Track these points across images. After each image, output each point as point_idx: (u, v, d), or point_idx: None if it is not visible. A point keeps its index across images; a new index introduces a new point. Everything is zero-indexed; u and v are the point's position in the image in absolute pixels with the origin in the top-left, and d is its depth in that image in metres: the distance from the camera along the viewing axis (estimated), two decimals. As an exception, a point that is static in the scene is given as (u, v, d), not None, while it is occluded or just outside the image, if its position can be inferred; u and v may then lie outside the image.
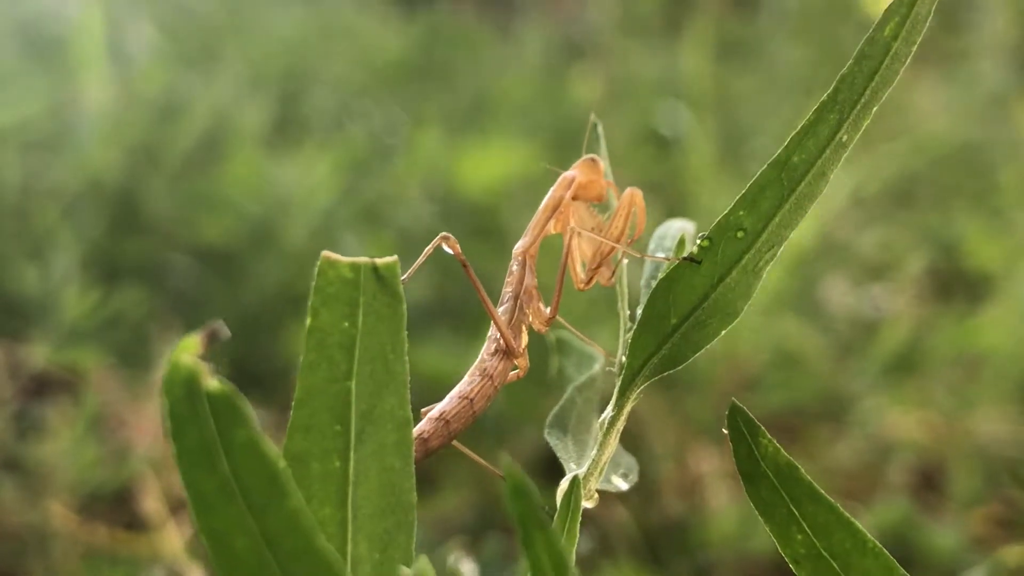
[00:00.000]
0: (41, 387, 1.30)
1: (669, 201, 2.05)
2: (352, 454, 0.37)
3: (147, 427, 1.32)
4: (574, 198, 0.53)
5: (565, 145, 2.27)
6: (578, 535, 0.42)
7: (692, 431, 1.43)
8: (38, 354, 1.31)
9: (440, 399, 0.51)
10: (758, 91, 2.81)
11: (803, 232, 1.61)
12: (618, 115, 2.48)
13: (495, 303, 0.52)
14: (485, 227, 1.86)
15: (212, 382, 0.30)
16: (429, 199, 1.86)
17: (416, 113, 2.35)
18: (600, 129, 0.53)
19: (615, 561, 1.19)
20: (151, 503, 1.18)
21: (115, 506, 1.22)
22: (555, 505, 0.44)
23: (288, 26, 2.94)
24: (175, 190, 1.74)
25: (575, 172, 0.53)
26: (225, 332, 0.31)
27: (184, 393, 0.30)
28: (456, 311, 1.59)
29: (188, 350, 0.30)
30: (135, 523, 1.19)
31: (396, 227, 1.77)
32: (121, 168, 1.73)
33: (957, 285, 1.96)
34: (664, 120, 2.35)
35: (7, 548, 1.11)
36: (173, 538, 1.14)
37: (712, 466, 1.37)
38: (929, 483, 1.44)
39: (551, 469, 1.31)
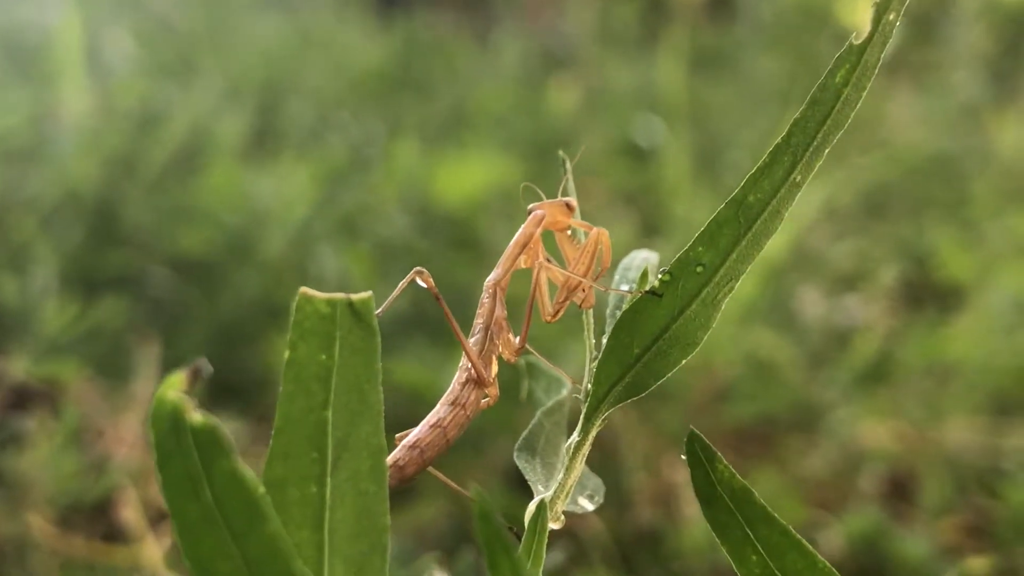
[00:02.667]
0: (20, 399, 1.30)
1: (645, 213, 2.07)
2: (328, 480, 0.38)
3: (125, 438, 1.33)
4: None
5: (543, 156, 2.29)
6: (544, 555, 0.44)
7: (665, 441, 1.44)
8: (18, 366, 1.32)
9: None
10: (734, 102, 2.83)
11: (776, 242, 1.62)
12: (595, 126, 2.50)
13: (465, 329, 0.54)
14: (462, 238, 1.88)
15: (196, 416, 0.32)
16: (407, 211, 1.87)
17: (394, 124, 2.36)
18: (568, 165, 0.55)
19: (589, 571, 1.21)
20: (130, 514, 1.19)
21: (94, 517, 1.22)
22: (523, 524, 0.46)
23: (266, 37, 2.95)
24: (153, 201, 1.75)
25: (543, 211, 0.55)
26: (208, 369, 0.33)
27: (170, 426, 0.32)
28: (432, 324, 1.60)
29: (173, 386, 0.32)
30: (114, 534, 1.20)
31: (373, 239, 1.78)
32: (99, 179, 1.74)
33: (929, 296, 1.98)
34: (640, 131, 2.37)
35: (-14, 559, 1.12)
36: (152, 550, 1.15)
37: (684, 476, 1.38)
38: (900, 492, 1.46)
39: (522, 476, 1.33)
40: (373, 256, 1.69)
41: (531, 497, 1.22)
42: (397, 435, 0.51)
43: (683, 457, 0.43)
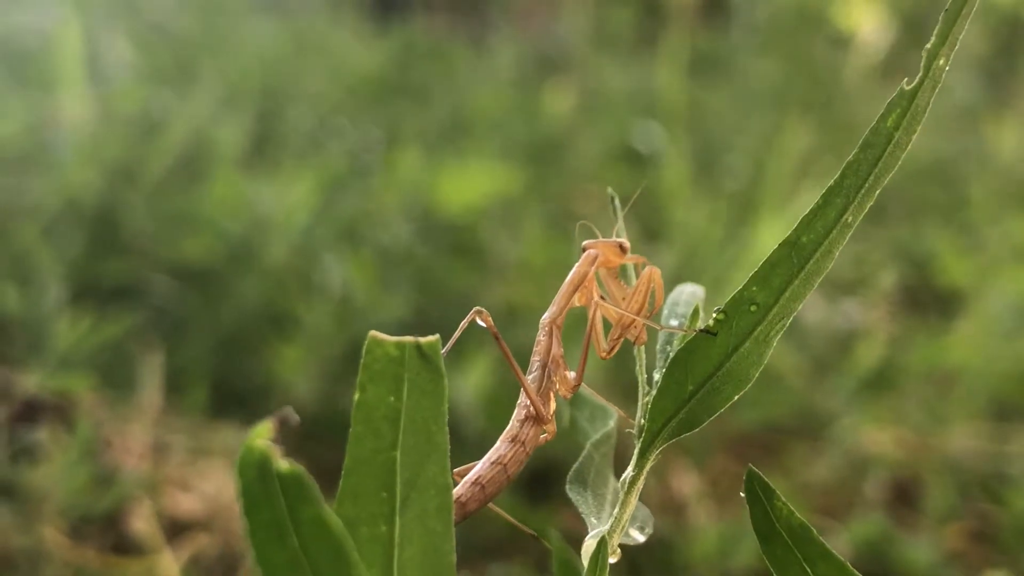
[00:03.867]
0: (32, 412, 1.31)
1: (644, 217, 2.07)
2: (397, 519, 0.40)
3: (133, 449, 1.34)
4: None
5: (541, 160, 2.30)
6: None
7: (673, 451, 1.45)
8: (29, 380, 1.32)
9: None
10: (730, 105, 2.84)
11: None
12: (592, 130, 2.51)
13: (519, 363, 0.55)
14: (464, 245, 1.88)
15: (282, 463, 0.33)
16: (408, 218, 1.88)
17: (392, 129, 2.36)
18: (617, 203, 0.56)
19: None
20: (142, 526, 1.20)
21: (104, 529, 1.23)
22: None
23: (263, 42, 2.95)
24: (154, 209, 1.75)
25: (597, 251, 0.56)
26: (295, 418, 0.34)
27: (257, 474, 0.32)
28: (435, 329, 1.60)
29: (261, 435, 0.33)
30: (124, 546, 1.20)
31: (375, 246, 1.78)
32: (100, 187, 1.74)
33: (929, 300, 1.99)
34: (638, 135, 2.38)
35: (-1, 572, 1.12)
36: (168, 562, 1.16)
37: (693, 486, 1.39)
38: (904, 498, 1.46)
39: (535, 484, 1.34)
40: (375, 263, 1.69)
41: (542, 507, 1.23)
42: (456, 470, 0.52)
43: (742, 495, 0.44)
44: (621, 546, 0.48)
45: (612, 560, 0.46)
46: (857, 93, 2.84)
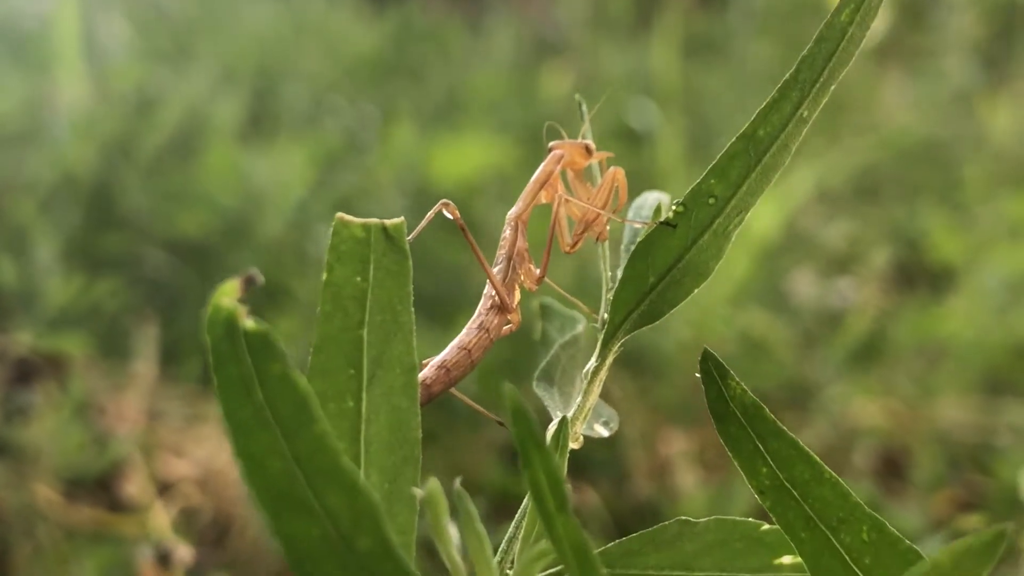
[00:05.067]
0: (25, 373, 1.32)
1: (638, 196, 2.08)
2: (364, 395, 0.41)
3: (127, 415, 1.35)
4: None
5: (537, 140, 2.30)
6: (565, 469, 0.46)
7: (661, 417, 1.46)
8: (22, 341, 1.33)
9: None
10: (726, 87, 2.84)
11: (769, 224, 1.65)
12: (588, 111, 2.51)
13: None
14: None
15: (249, 321, 0.34)
16: (402, 193, 1.88)
17: (388, 109, 2.37)
18: (585, 108, 0.58)
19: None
20: (134, 487, 1.21)
21: (96, 491, 1.24)
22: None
23: (260, 22, 2.95)
24: (150, 184, 1.76)
25: (563, 151, 0.58)
26: (260, 278, 0.35)
27: (224, 331, 0.34)
28: (428, 301, 1.61)
29: (227, 294, 0.34)
30: (117, 507, 1.21)
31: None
32: (96, 163, 1.75)
33: (920, 277, 2.00)
34: (634, 116, 2.38)
35: (-6, 529, 1.14)
36: (159, 518, 1.17)
37: (680, 450, 1.40)
38: (892, 468, 1.47)
39: (515, 456, 1.35)
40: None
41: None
42: (424, 360, 0.53)
43: (697, 375, 0.45)
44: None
45: (574, 446, 0.48)
46: (852, 77, 2.84)
